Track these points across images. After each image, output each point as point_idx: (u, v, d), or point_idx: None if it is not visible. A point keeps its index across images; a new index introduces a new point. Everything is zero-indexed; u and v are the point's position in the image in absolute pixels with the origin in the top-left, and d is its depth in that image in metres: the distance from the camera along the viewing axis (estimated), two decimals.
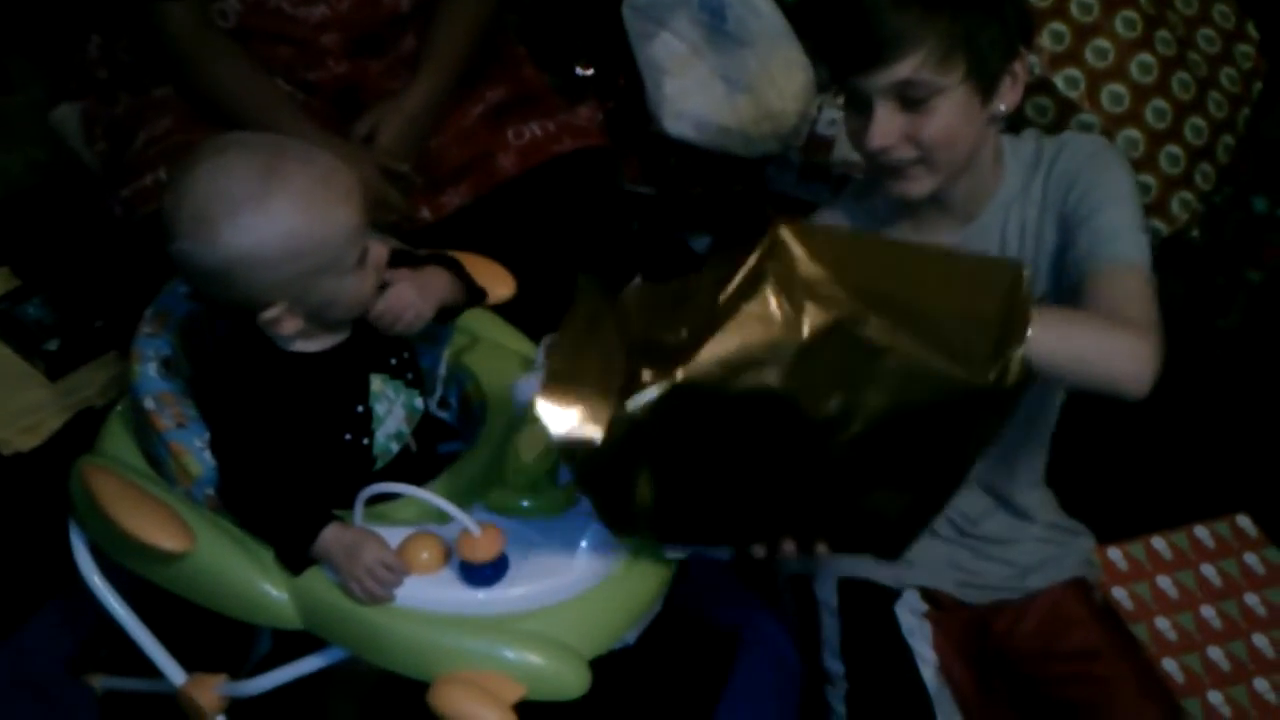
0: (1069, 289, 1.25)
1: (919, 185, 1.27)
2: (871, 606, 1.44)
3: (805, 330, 0.97)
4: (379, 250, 1.18)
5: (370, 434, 1.23)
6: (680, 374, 0.97)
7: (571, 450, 1.01)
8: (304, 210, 1.11)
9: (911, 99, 1.21)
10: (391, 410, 1.24)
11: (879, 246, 1.13)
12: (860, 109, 1.25)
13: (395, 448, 1.25)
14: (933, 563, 1.46)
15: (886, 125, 1.23)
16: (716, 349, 0.97)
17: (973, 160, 1.30)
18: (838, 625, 1.44)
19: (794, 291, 0.97)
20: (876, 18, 1.19)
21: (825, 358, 0.98)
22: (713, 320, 0.97)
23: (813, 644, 1.47)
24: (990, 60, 1.22)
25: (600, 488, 1.06)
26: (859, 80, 1.23)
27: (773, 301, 0.97)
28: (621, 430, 0.99)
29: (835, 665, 1.42)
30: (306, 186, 1.11)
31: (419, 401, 1.28)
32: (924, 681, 1.37)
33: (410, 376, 1.28)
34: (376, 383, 1.23)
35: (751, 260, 0.98)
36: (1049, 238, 1.31)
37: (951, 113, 1.22)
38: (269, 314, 1.15)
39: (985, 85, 1.23)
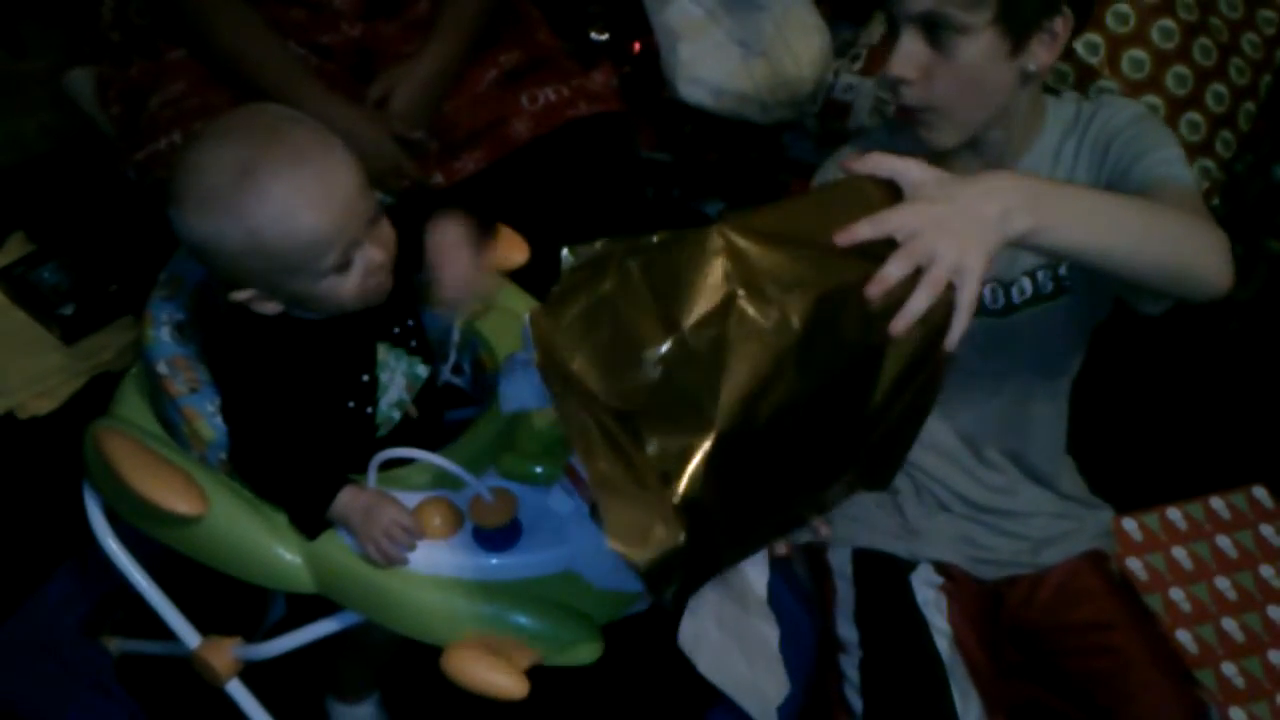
0: None
1: (942, 135, 1.26)
2: (886, 576, 1.44)
3: (796, 324, 0.94)
4: (372, 254, 1.14)
5: (374, 402, 1.23)
6: (713, 434, 0.92)
7: (667, 561, 0.91)
8: (270, 213, 1.08)
9: (937, 34, 1.20)
10: (394, 378, 1.24)
11: (792, 206, 1.07)
12: (892, 36, 1.24)
13: (397, 415, 1.25)
14: (945, 538, 1.46)
15: (907, 56, 1.21)
16: (732, 388, 0.93)
17: (1003, 114, 1.28)
18: (852, 593, 1.44)
19: (765, 292, 0.94)
20: None
21: (825, 335, 0.96)
22: (704, 355, 0.93)
23: (826, 612, 1.47)
24: (1023, 9, 1.19)
25: (690, 569, 0.96)
26: (892, 4, 1.21)
27: (753, 313, 0.93)
28: (691, 515, 0.92)
29: (849, 632, 1.41)
30: (281, 190, 1.08)
31: (421, 369, 1.27)
32: (938, 652, 1.37)
33: (414, 344, 1.27)
34: (380, 351, 1.23)
35: (707, 279, 0.93)
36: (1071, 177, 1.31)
37: (973, 57, 1.20)
38: (239, 295, 1.15)
39: (1015, 35, 1.21)
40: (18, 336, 2.01)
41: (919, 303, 0.97)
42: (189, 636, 1.28)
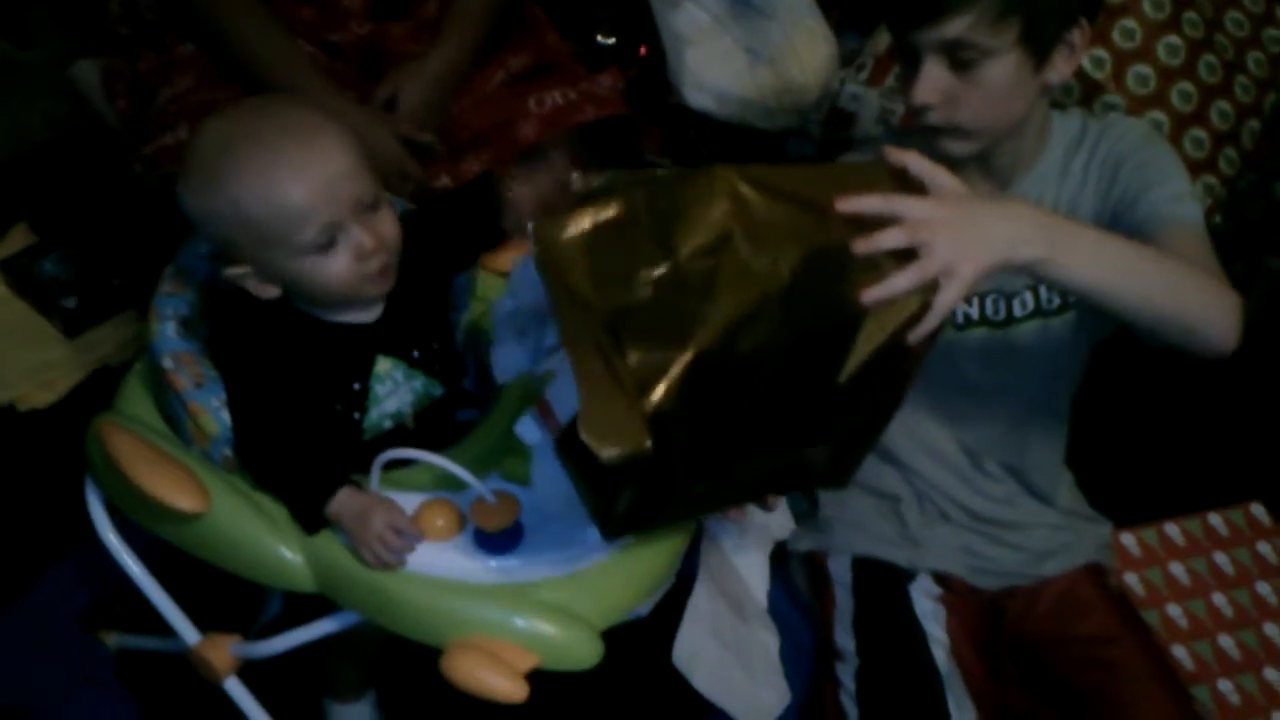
0: None
1: (961, 146, 1.27)
2: (885, 586, 1.44)
3: (785, 272, 0.97)
4: (361, 238, 1.13)
5: (363, 410, 1.22)
6: (692, 350, 0.96)
7: (628, 466, 0.96)
8: (247, 184, 1.10)
9: (961, 59, 1.20)
10: (395, 392, 1.23)
11: (804, 171, 1.09)
12: (910, 62, 1.24)
13: (388, 425, 1.24)
14: (945, 547, 1.46)
15: (931, 83, 1.21)
16: (717, 315, 0.96)
17: (1019, 127, 1.29)
18: (851, 602, 1.44)
19: (760, 234, 0.97)
20: None
21: (809, 290, 0.98)
22: (694, 283, 0.96)
23: (824, 620, 1.47)
24: (1046, 26, 1.20)
25: (644, 490, 1.01)
26: (909, 34, 1.21)
27: (746, 254, 0.96)
28: (660, 426, 0.96)
29: (847, 641, 1.42)
30: (261, 157, 1.10)
31: (437, 389, 1.26)
32: (935, 662, 1.37)
33: (437, 368, 1.26)
34: (384, 364, 1.22)
35: (709, 214, 0.97)
36: (1086, 218, 1.31)
37: (999, 78, 1.21)
38: (233, 270, 1.16)
39: (1038, 52, 1.21)
40: (19, 328, 2.01)
41: (899, 283, 0.98)
42: (188, 633, 1.28)
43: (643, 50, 2.24)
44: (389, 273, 1.18)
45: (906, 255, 1.00)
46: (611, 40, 2.26)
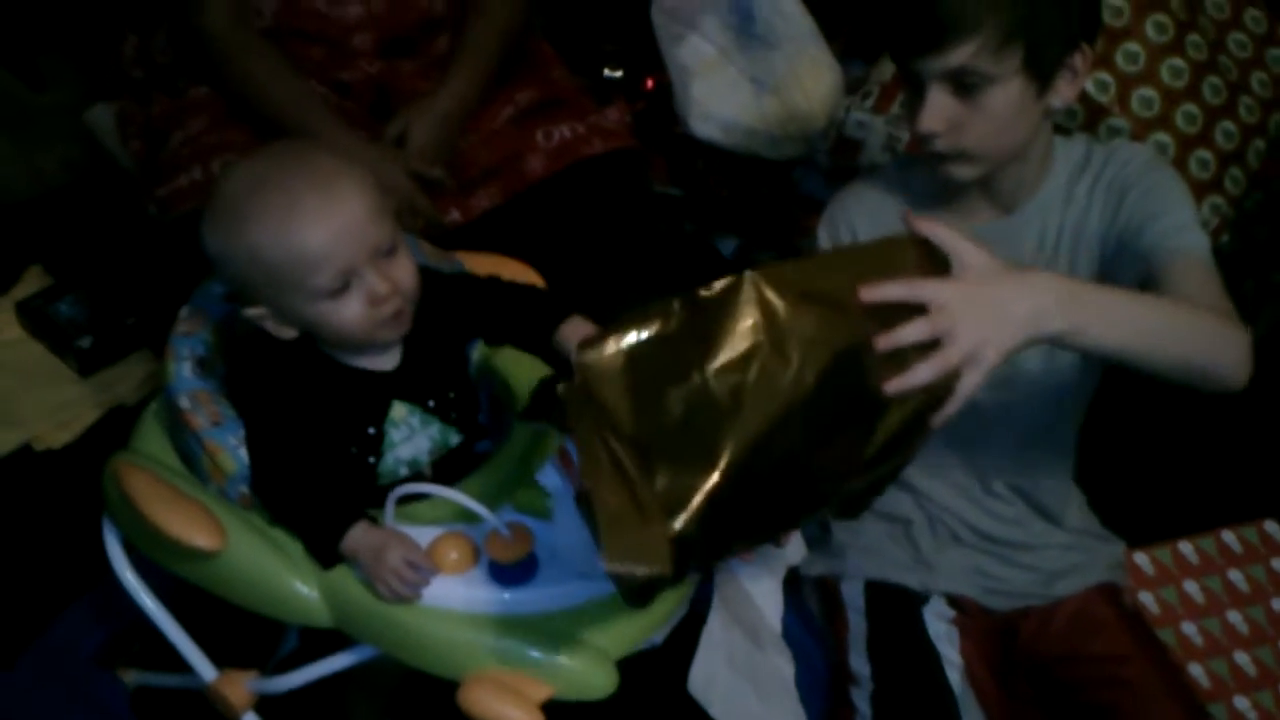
0: (1128, 281, 1.26)
1: (965, 170, 1.28)
2: (899, 609, 1.45)
3: (810, 379, 0.97)
4: (375, 284, 1.14)
5: (378, 454, 1.23)
6: (718, 474, 0.96)
7: (648, 587, 0.98)
8: (267, 225, 1.10)
9: (965, 86, 1.21)
10: (411, 439, 1.24)
11: (827, 260, 1.13)
12: (914, 91, 1.25)
13: (405, 471, 1.24)
14: (958, 569, 1.46)
15: (936, 110, 1.23)
16: (743, 433, 0.97)
17: (1024, 152, 1.30)
18: (865, 626, 1.44)
19: (785, 345, 0.97)
20: (936, 1, 1.18)
21: (835, 389, 0.99)
22: (722, 401, 0.97)
23: (838, 645, 1.47)
24: (1048, 52, 1.22)
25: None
26: (913, 63, 1.23)
27: (773, 367, 0.97)
28: (681, 547, 0.97)
29: (861, 666, 1.42)
30: (280, 203, 1.10)
31: (454, 438, 1.27)
32: (950, 684, 1.37)
33: (454, 416, 1.26)
34: (400, 410, 1.23)
35: (738, 326, 0.97)
36: (1091, 243, 1.32)
37: (1004, 104, 1.22)
38: (251, 311, 1.17)
39: (1041, 77, 1.23)
40: (35, 368, 2.02)
41: (922, 375, 0.98)
42: (205, 669, 1.28)
43: (649, 83, 2.26)
44: (404, 318, 1.18)
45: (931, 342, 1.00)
46: (618, 74, 2.29)
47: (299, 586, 1.16)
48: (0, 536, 1.74)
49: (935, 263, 1.04)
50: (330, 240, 1.11)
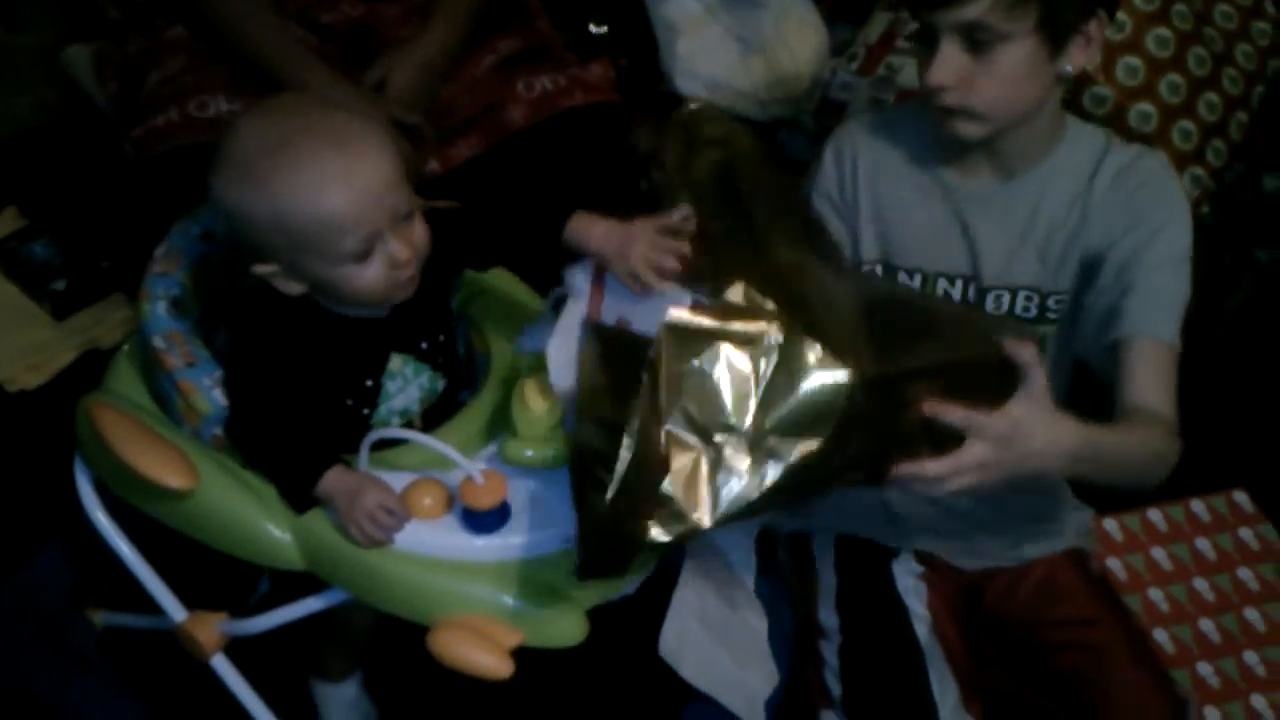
0: (1099, 311, 1.30)
1: (972, 128, 1.27)
2: (868, 563, 1.46)
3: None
4: (396, 249, 1.13)
5: (373, 406, 1.23)
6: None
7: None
8: (296, 189, 1.09)
9: (978, 41, 1.20)
10: (404, 389, 1.24)
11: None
12: (927, 43, 1.24)
13: (396, 422, 1.25)
14: (927, 528, 1.47)
15: (947, 64, 1.22)
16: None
17: (1031, 116, 1.29)
18: (835, 580, 1.45)
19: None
20: None
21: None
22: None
23: (807, 598, 1.48)
24: (1064, 14, 1.21)
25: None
26: (928, 14, 1.22)
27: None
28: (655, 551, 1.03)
29: (830, 619, 1.43)
30: (310, 167, 1.09)
31: (441, 384, 1.27)
32: (917, 637, 1.38)
33: (440, 360, 1.27)
34: (395, 361, 1.23)
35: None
36: (1077, 247, 1.32)
37: (1015, 63, 1.21)
38: (262, 268, 1.15)
39: (1055, 39, 1.22)
40: (8, 310, 2.01)
41: (929, 469, 1.06)
42: (175, 611, 1.28)
43: (634, 39, 2.24)
44: (416, 279, 1.18)
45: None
46: (603, 29, 2.26)
47: (271, 528, 1.16)
48: None
49: (1007, 378, 1.09)
50: (357, 204, 1.10)
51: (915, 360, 1.09)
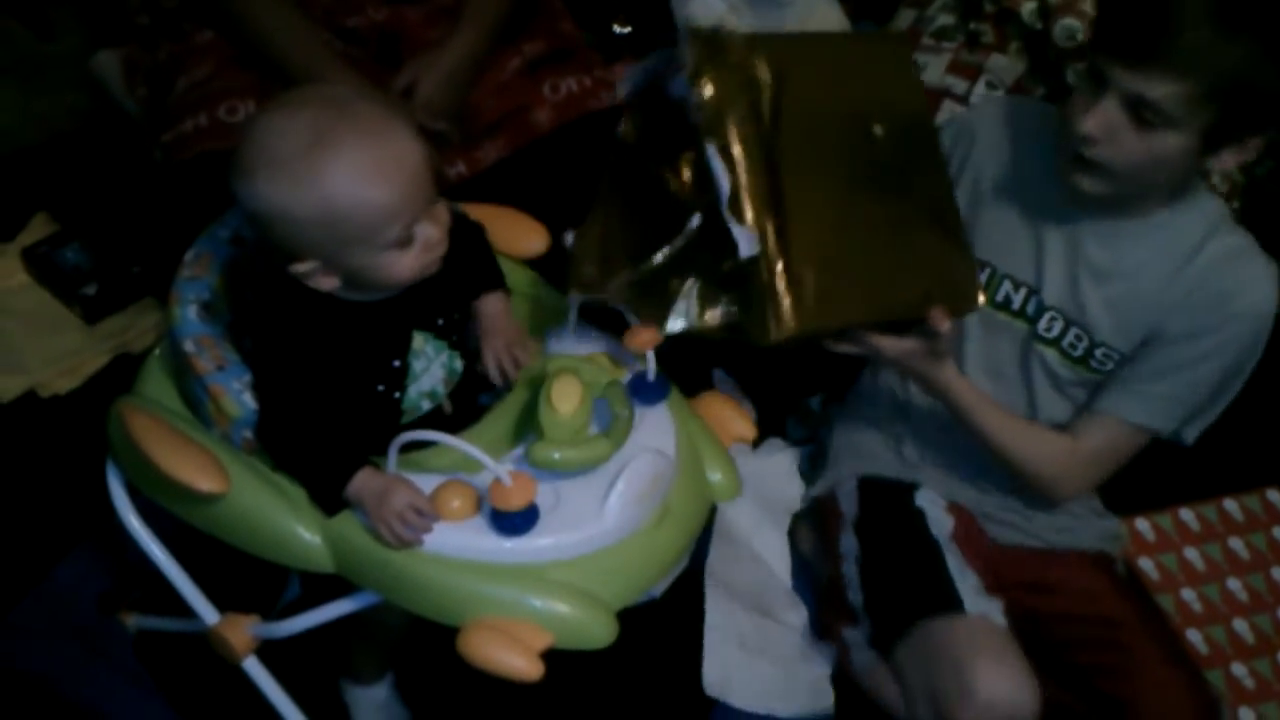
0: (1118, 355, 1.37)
1: (1094, 184, 1.27)
2: (890, 494, 1.47)
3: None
4: (430, 231, 1.15)
5: (402, 388, 1.23)
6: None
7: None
8: (341, 183, 1.09)
9: (1144, 118, 1.19)
10: (429, 369, 1.24)
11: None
12: (1092, 89, 1.22)
13: (426, 405, 1.25)
14: (952, 482, 1.47)
15: (1105, 118, 1.21)
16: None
17: (1157, 191, 1.29)
18: (856, 510, 1.46)
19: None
20: (1173, 21, 1.15)
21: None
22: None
23: (830, 544, 1.48)
24: (1237, 125, 1.20)
25: None
26: (1109, 68, 1.20)
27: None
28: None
29: (850, 544, 1.43)
30: (355, 158, 1.09)
31: (459, 364, 1.27)
32: (933, 535, 1.40)
33: (455, 338, 1.27)
34: (418, 340, 1.23)
35: None
36: (1170, 325, 1.34)
37: (1169, 150, 1.21)
38: (300, 267, 1.15)
39: (1216, 143, 1.21)
40: (40, 315, 2.02)
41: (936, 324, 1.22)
42: (208, 613, 1.29)
43: (658, 39, 2.23)
44: (441, 260, 1.20)
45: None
46: (627, 29, 2.26)
47: (301, 531, 1.16)
48: (5, 482, 1.74)
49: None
50: (401, 192, 1.11)
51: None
